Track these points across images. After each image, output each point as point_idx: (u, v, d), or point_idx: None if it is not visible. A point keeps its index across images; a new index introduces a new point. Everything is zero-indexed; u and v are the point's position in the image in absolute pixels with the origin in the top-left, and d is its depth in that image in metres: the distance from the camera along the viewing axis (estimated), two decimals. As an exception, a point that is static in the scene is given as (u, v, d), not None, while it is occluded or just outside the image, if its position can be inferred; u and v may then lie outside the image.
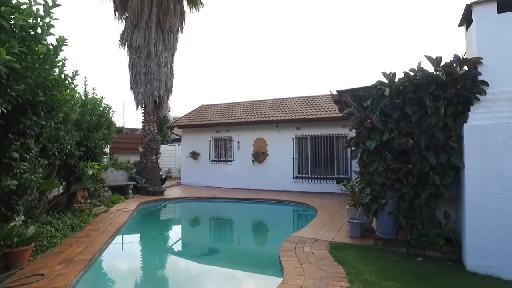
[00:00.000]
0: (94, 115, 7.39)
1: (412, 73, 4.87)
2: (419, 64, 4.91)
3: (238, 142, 14.50)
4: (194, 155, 15.34)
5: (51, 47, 3.76)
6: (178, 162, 18.76)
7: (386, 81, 5.06)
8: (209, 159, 15.19)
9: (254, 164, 14.13)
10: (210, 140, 15.28)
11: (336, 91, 5.52)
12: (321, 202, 10.18)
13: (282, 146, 13.70)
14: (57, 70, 4.20)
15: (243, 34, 47.14)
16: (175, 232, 8.46)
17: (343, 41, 41.96)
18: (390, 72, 5.11)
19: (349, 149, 12.50)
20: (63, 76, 4.38)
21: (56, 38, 3.76)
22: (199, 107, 18.31)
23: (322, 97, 15.11)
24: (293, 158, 13.50)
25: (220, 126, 15.02)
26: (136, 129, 32.19)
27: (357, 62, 47.03)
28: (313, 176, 13.18)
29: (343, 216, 7.74)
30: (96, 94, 8.09)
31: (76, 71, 4.71)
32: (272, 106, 15.45)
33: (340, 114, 12.58)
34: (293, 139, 13.56)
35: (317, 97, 15.31)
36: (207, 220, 9.74)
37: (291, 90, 50.14)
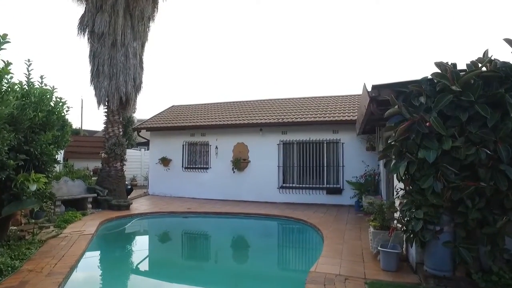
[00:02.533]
0: (41, 110, 5.54)
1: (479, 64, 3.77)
2: (486, 52, 3.83)
3: (216, 148, 12.94)
4: (165, 162, 13.52)
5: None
6: (145, 169, 16.74)
7: (441, 73, 3.92)
8: (182, 166, 13.46)
9: (234, 172, 12.65)
10: (183, 145, 13.56)
11: (373, 86, 4.32)
12: (317, 216, 8.96)
13: (266, 153, 12.38)
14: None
15: (222, 30, 44.03)
16: (153, 267, 6.06)
17: (333, 39, 41.14)
18: (446, 62, 3.98)
19: (340, 156, 11.54)
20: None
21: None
22: (170, 107, 16.47)
23: (310, 99, 14.08)
24: (278, 166, 12.22)
25: (195, 129, 13.37)
26: (96, 131, 29.26)
27: (347, 62, 46.27)
28: (300, 186, 11.98)
29: (355, 237, 6.56)
30: (46, 85, 6.23)
31: (4, 36, 3.01)
32: (255, 108, 14.09)
33: (331, 118, 11.60)
34: (278, 144, 12.30)
35: (305, 99, 14.24)
36: (189, 244, 7.95)
37: (276, 91, 47.84)
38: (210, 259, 6.72)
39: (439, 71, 4.04)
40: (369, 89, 4.37)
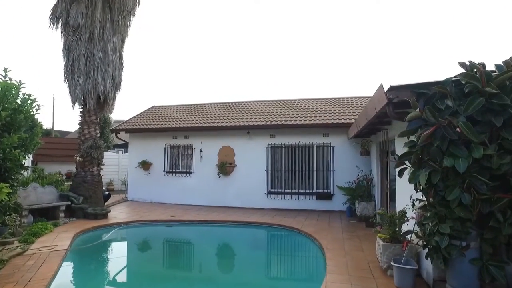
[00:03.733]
0: (4, 108, 4.76)
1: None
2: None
3: (201, 151, 12.29)
4: (145, 165, 12.69)
5: None
6: (122, 172, 15.79)
7: (470, 74, 3.56)
8: (164, 170, 12.68)
9: (219, 177, 12.04)
10: (165, 148, 12.79)
11: (391, 86, 3.92)
12: (310, 224, 8.53)
13: (253, 156, 11.86)
14: None
15: (207, 27, 42.29)
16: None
17: (323, 40, 40.72)
18: (471, 62, 3.63)
19: (330, 160, 11.19)
20: None
21: None
22: (150, 108, 15.61)
23: (299, 101, 13.71)
24: (266, 170, 11.73)
25: (178, 131, 12.65)
26: (68, 132, 27.67)
27: (338, 63, 45.88)
28: (289, 191, 11.54)
29: (356, 248, 6.17)
30: (11, 79, 5.42)
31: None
32: (242, 109, 13.54)
33: (321, 121, 11.25)
34: (266, 148, 11.81)
35: (294, 101, 13.86)
36: (176, 259, 7.12)
37: (264, 92, 46.66)
38: (201, 275, 6.08)
39: (463, 71, 3.69)
40: (385, 90, 3.95)
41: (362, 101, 12.94)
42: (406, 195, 5.70)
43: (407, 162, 4.11)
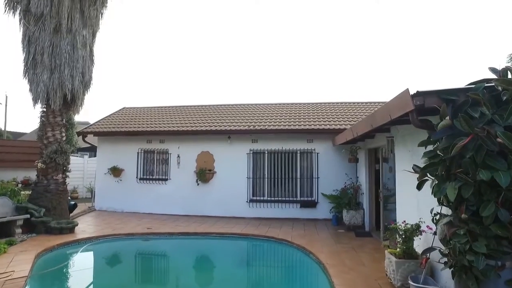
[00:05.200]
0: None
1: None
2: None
3: (178, 157, 11.49)
4: (116, 172, 11.64)
5: None
6: (88, 179, 14.50)
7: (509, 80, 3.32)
8: (137, 177, 11.71)
9: (198, 184, 11.32)
10: (138, 153, 11.83)
11: (418, 92, 3.60)
12: (298, 235, 8.14)
13: (234, 163, 11.29)
14: None
15: (184, 25, 40.00)
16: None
17: (308, 43, 40.21)
18: (508, 67, 3.41)
19: (314, 167, 10.90)
20: None
21: None
22: (121, 109, 14.49)
23: (283, 105, 13.38)
24: (248, 177, 11.21)
25: (153, 135, 11.76)
26: (22, 134, 25.28)
27: (322, 68, 45.47)
28: (271, 199, 11.10)
29: (357, 262, 5.84)
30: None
31: None
32: (223, 113, 12.92)
33: (306, 127, 10.96)
34: (247, 154, 11.30)
35: (277, 105, 13.48)
36: (160, 284, 6.20)
37: (246, 95, 44.48)
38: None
39: (494, 76, 3.45)
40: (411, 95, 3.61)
41: (346, 106, 12.87)
42: (409, 206, 5.48)
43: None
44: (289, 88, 40.56)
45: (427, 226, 4.53)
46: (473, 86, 3.52)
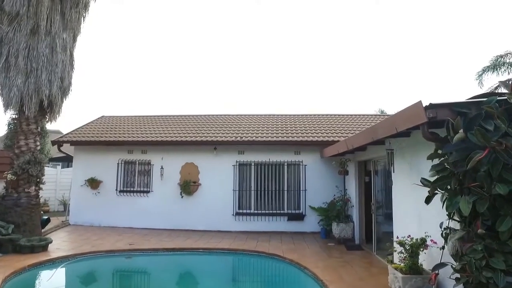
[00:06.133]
0: None
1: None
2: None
3: (162, 168, 11.00)
4: (94, 183, 10.96)
5: None
6: (61, 191, 13.60)
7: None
8: (117, 189, 11.08)
9: (182, 197, 10.86)
10: (119, 164, 11.23)
11: (431, 104, 3.54)
12: (289, 249, 7.90)
13: (219, 175, 10.97)
14: None
15: (167, 30, 38.33)
16: None
17: (291, 54, 40.16)
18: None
19: (302, 179, 10.76)
20: None
21: None
22: (99, 118, 13.80)
23: (270, 117, 13.28)
24: (234, 190, 10.90)
25: (134, 145, 11.23)
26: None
27: (309, 80, 45.22)
28: (258, 212, 10.83)
29: (355, 277, 5.70)
30: None
31: None
32: (208, 123, 12.58)
33: (294, 138, 10.83)
34: (234, 165, 11.01)
35: (264, 116, 13.35)
36: None
37: (233, 106, 43.62)
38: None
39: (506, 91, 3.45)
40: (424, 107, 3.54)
41: (333, 119, 12.92)
42: (409, 219, 5.38)
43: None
44: (276, 100, 40.73)
45: (431, 240, 4.46)
46: (484, 99, 3.50)
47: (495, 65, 16.37)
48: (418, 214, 5.02)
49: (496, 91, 16.51)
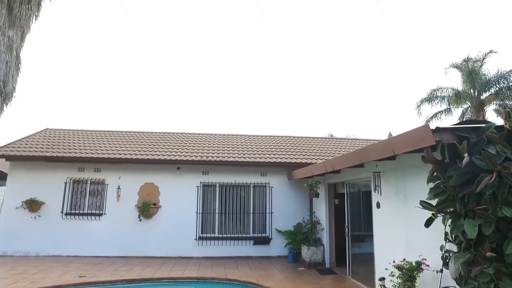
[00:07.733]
0: None
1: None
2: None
3: (119, 188, 9.97)
4: (33, 205, 9.48)
5: None
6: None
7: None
8: (62, 212, 9.71)
9: (140, 220, 9.90)
10: (66, 183, 9.93)
11: (437, 128, 3.60)
12: (261, 275, 7.53)
13: (182, 196, 10.29)
14: None
15: (124, 39, 35.63)
16: None
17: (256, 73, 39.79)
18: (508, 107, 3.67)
19: (269, 201, 10.51)
20: None
21: None
22: (43, 130, 12.24)
23: (236, 137, 12.99)
24: (197, 213, 10.26)
25: (86, 163, 10.08)
26: None
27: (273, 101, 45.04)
28: (223, 236, 10.28)
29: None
30: None
31: None
32: (172, 141, 11.87)
33: (262, 159, 10.64)
34: (198, 187, 10.43)
35: (230, 136, 13.02)
36: None
37: (195, 124, 42.40)
38: None
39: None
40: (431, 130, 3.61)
41: (300, 141, 13.04)
42: (395, 242, 5.40)
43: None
44: (241, 120, 40.58)
45: (424, 263, 4.49)
46: (483, 125, 3.68)
47: (430, 98, 18.46)
48: (405, 236, 5.08)
49: (431, 121, 18.59)
